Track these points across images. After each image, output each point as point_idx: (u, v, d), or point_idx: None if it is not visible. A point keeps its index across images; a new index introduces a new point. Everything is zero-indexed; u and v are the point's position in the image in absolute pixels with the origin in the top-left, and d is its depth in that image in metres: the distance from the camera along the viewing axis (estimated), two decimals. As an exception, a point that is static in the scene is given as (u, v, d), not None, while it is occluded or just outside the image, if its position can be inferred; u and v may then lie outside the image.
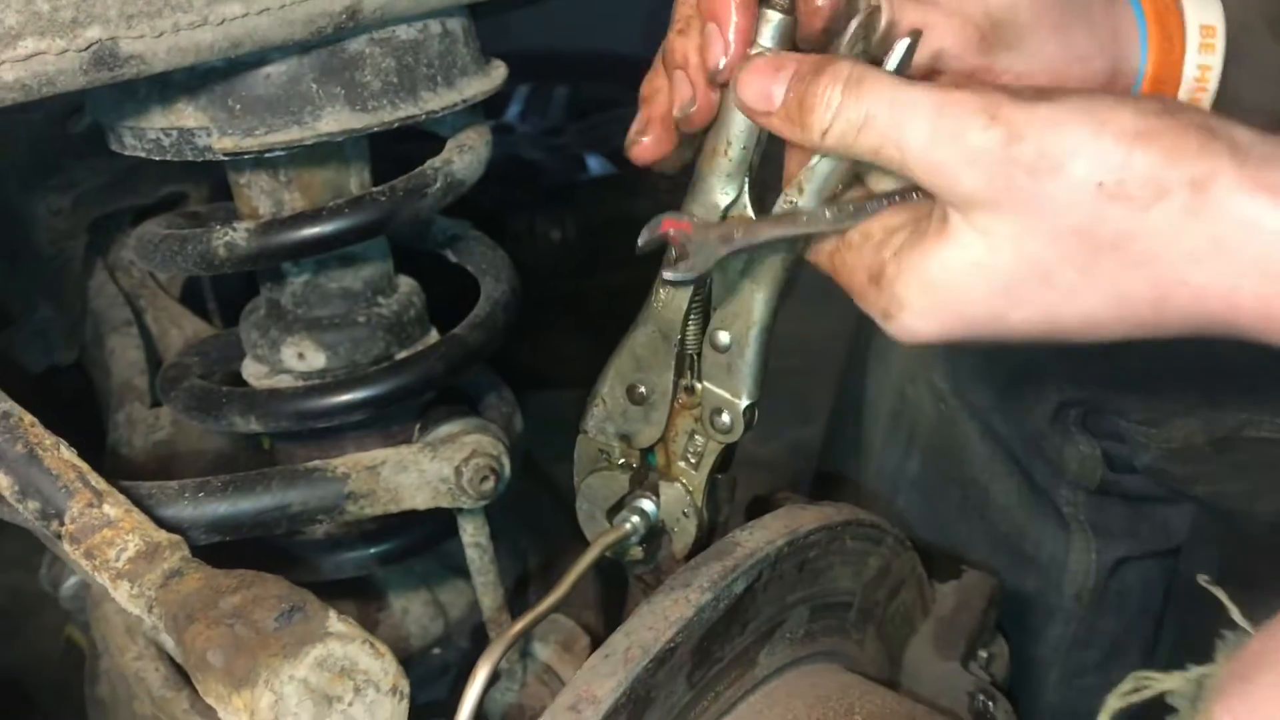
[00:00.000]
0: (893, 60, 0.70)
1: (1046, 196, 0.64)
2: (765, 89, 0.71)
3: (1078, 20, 0.79)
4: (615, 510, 0.89)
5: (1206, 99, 0.82)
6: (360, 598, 1.13)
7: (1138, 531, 1.32)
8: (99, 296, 1.22)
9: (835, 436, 1.50)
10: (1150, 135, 0.63)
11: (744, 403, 0.83)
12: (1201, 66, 0.82)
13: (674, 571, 0.80)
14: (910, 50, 0.70)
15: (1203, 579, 0.73)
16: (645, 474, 0.90)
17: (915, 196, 0.71)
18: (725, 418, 0.84)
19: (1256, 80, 0.83)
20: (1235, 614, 0.66)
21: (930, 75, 0.75)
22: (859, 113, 0.68)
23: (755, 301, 0.80)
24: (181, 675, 1.07)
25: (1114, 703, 0.69)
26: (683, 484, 0.87)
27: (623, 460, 0.89)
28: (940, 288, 0.69)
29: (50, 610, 1.31)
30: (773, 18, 0.73)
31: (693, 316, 0.84)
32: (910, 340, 0.72)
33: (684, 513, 0.87)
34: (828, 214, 0.73)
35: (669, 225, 0.76)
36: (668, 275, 0.77)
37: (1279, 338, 0.64)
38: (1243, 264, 0.62)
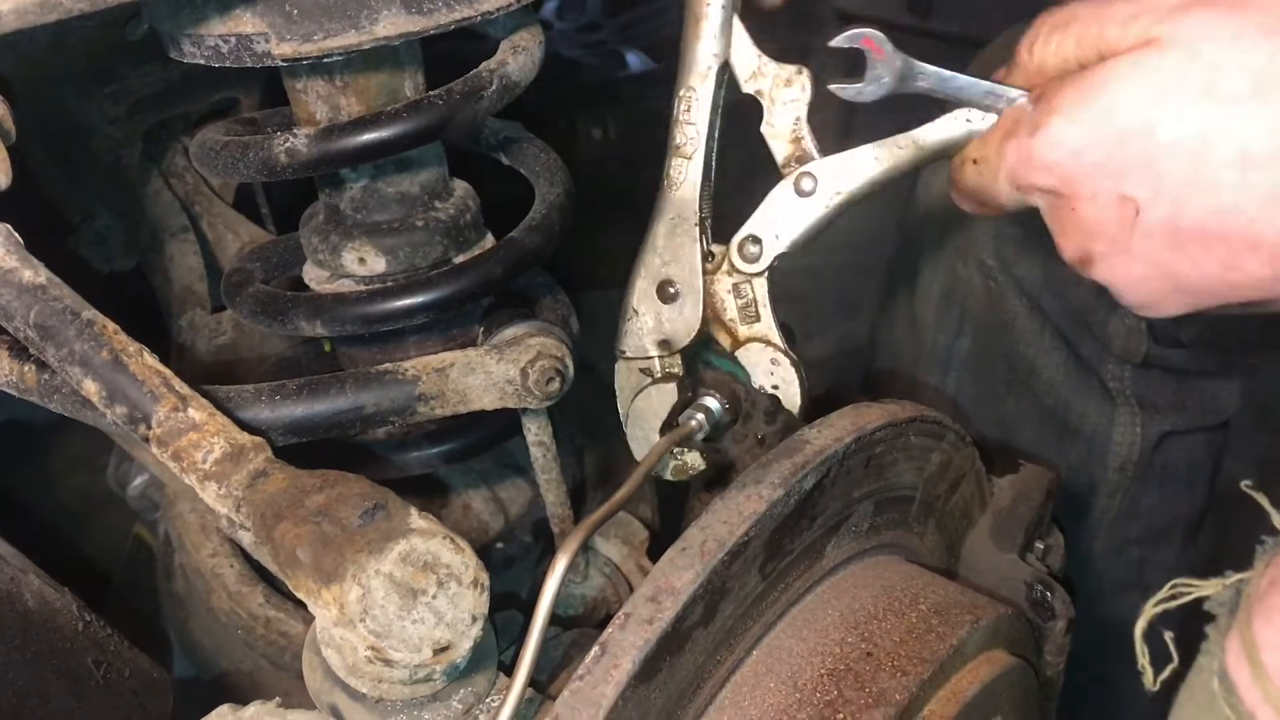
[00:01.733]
0: None
1: None
2: None
3: None
4: (667, 427, 0.90)
5: None
6: (422, 495, 1.15)
7: (1184, 405, 1.32)
8: (155, 203, 1.23)
9: (885, 322, 1.50)
10: None
11: None
12: None
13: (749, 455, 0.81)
14: None
15: (1245, 484, 0.73)
16: (690, 383, 0.91)
17: None
18: (755, 248, 0.86)
19: None
20: (1276, 519, 0.66)
21: None
22: (1064, 13, 0.67)
23: None
24: (256, 570, 1.11)
25: (1151, 609, 0.70)
26: (757, 340, 0.88)
27: (665, 372, 0.90)
28: (1096, 85, 0.65)
29: (117, 509, 1.35)
30: None
31: (705, 180, 0.86)
32: (1054, 153, 0.69)
33: (773, 361, 0.88)
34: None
35: (868, 43, 0.78)
36: (833, 87, 0.80)
37: None
38: None
